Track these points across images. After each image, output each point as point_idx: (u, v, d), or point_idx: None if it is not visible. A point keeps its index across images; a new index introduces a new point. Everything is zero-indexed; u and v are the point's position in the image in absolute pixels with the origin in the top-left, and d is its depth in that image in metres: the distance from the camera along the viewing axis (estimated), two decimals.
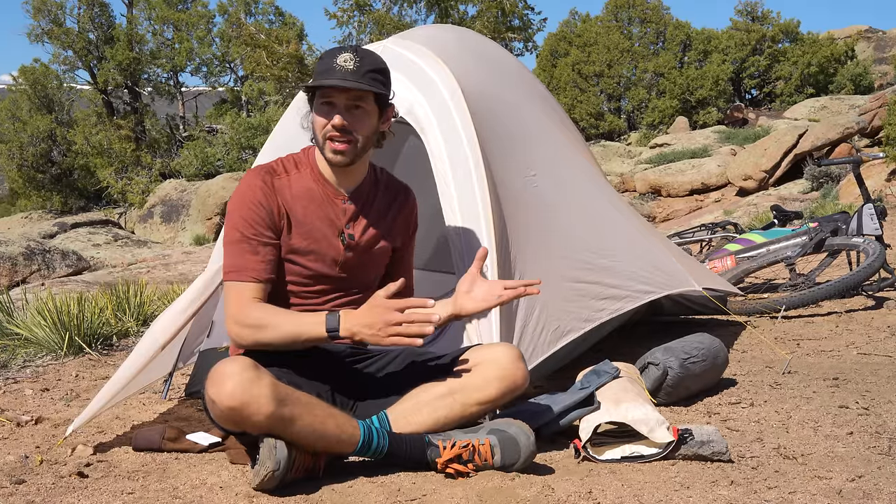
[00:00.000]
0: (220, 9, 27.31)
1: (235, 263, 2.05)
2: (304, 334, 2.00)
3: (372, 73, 2.05)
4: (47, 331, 3.85)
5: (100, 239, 15.86)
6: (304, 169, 2.16)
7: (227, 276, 2.06)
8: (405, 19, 23.84)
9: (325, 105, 2.05)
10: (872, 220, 4.61)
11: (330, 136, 2.05)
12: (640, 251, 3.21)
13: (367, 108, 2.07)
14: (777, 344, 3.53)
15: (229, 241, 2.08)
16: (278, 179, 2.12)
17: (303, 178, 2.14)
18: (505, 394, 2.03)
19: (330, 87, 2.02)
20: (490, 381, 2.01)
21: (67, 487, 1.97)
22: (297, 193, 2.12)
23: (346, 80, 2.01)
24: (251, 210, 2.07)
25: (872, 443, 2.13)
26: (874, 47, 25.68)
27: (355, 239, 2.16)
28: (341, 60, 2.02)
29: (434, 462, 1.94)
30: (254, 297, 2.03)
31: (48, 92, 25.10)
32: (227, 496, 1.88)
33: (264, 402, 1.80)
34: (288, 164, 2.17)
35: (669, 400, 2.59)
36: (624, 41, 24.72)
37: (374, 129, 2.11)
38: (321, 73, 2.04)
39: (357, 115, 2.06)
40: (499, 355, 2.05)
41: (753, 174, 13.58)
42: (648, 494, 1.80)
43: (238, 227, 2.07)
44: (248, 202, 2.07)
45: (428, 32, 3.27)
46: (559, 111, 3.59)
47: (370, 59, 2.06)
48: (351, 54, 2.03)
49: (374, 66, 2.06)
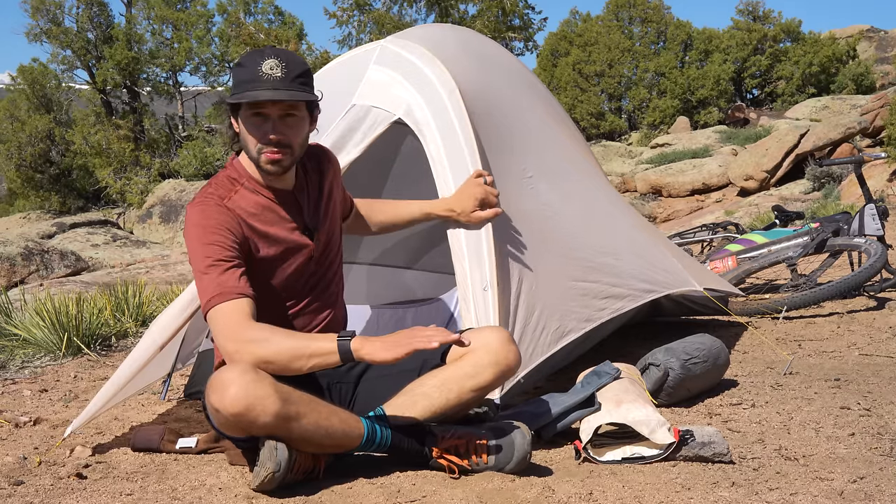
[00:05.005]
0: (219, 8, 27.30)
1: (215, 288, 1.93)
2: (310, 348, 1.89)
3: (300, 77, 1.99)
4: (46, 331, 3.84)
5: (98, 239, 15.86)
6: (242, 183, 2.10)
7: (210, 302, 1.93)
8: (405, 19, 23.85)
9: (255, 116, 1.99)
10: (874, 221, 4.60)
11: (265, 149, 2.01)
12: (641, 250, 3.20)
13: (299, 115, 2.03)
14: (778, 345, 3.52)
15: (202, 272, 1.96)
16: (228, 201, 2.06)
17: (245, 192, 2.09)
18: (499, 378, 2.04)
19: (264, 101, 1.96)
20: (484, 367, 2.01)
21: (66, 488, 1.97)
22: (247, 208, 2.07)
23: (278, 89, 1.95)
24: (215, 235, 1.99)
25: (874, 444, 2.12)
26: (876, 47, 25.67)
27: (317, 226, 2.18)
28: (267, 68, 1.95)
29: (431, 450, 1.94)
30: (247, 313, 1.92)
31: (47, 92, 25.09)
32: (227, 497, 1.87)
33: (269, 401, 1.79)
34: (224, 184, 2.09)
35: (670, 401, 2.59)
36: (625, 41, 24.71)
37: (306, 134, 2.09)
38: (247, 82, 1.96)
39: (290, 124, 2.02)
40: (490, 340, 2.04)
41: (755, 174, 13.58)
42: (649, 496, 1.80)
43: (207, 254, 1.97)
44: (211, 228, 1.99)
45: (426, 32, 3.25)
46: (560, 111, 3.58)
47: (294, 62, 2.00)
48: (276, 60, 1.96)
49: (301, 70, 2.00)
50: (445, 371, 2.04)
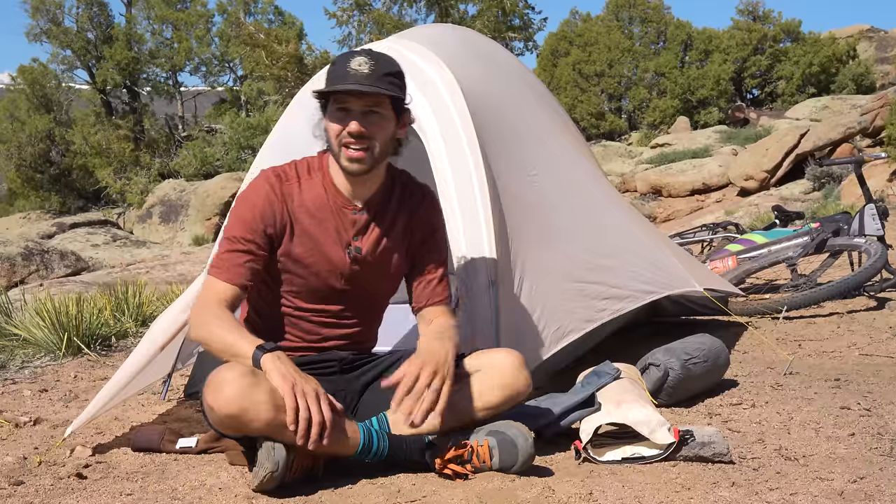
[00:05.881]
0: (219, 8, 27.35)
1: (221, 260, 2.02)
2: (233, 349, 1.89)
3: (388, 76, 1.97)
4: (46, 331, 3.84)
5: (98, 239, 15.85)
6: (315, 175, 2.09)
7: (210, 268, 2.05)
8: (405, 19, 23.87)
9: (339, 111, 1.97)
10: (874, 221, 4.60)
11: (345, 142, 1.97)
12: (642, 251, 3.20)
13: (383, 113, 1.99)
14: (778, 345, 3.52)
15: (224, 236, 2.06)
16: (287, 185, 2.05)
17: (313, 185, 2.07)
18: (506, 401, 2.02)
19: (345, 91, 1.94)
20: (492, 388, 2.00)
21: (66, 488, 1.97)
22: (305, 201, 2.06)
23: (362, 84, 1.93)
24: (251, 213, 2.03)
25: (874, 444, 2.12)
26: (876, 47, 25.64)
27: (362, 252, 2.09)
28: (355, 64, 1.94)
29: (433, 462, 1.93)
30: (223, 298, 1.97)
31: (46, 92, 25.09)
32: (227, 497, 1.87)
33: (263, 408, 1.79)
34: (301, 168, 2.10)
35: (670, 401, 2.59)
36: (625, 41, 24.71)
37: (391, 134, 2.03)
38: (335, 78, 1.96)
39: (373, 121, 1.97)
40: (500, 362, 2.03)
41: (755, 174, 13.57)
42: (649, 496, 1.80)
43: (235, 225, 2.04)
44: (249, 205, 2.04)
45: (428, 32, 3.26)
46: (560, 111, 3.58)
47: (385, 62, 1.99)
48: (365, 58, 1.95)
49: (390, 70, 1.98)
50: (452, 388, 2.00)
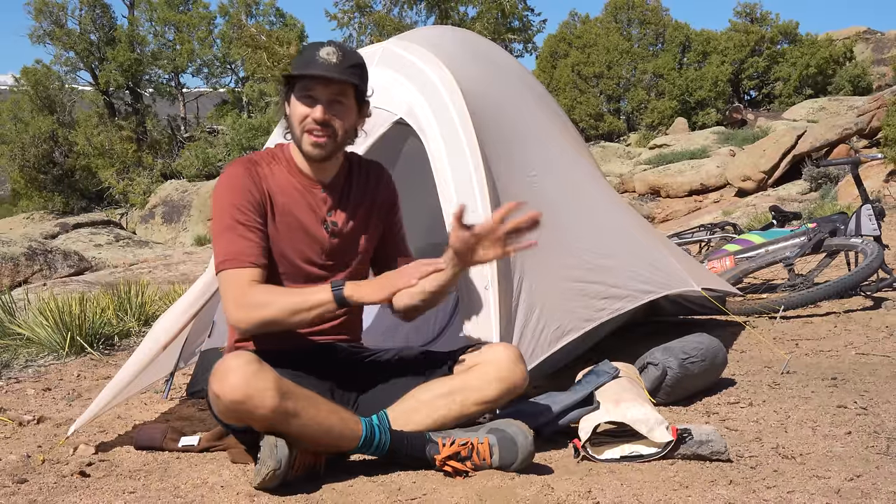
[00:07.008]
0: (221, 10, 27.34)
1: (230, 251, 2.03)
2: (308, 301, 1.97)
3: (353, 67, 2.07)
4: (49, 331, 3.86)
5: (101, 239, 15.85)
6: (280, 162, 2.18)
7: (223, 265, 2.03)
8: (405, 21, 23.86)
9: (306, 97, 2.06)
10: (871, 221, 4.62)
11: (309, 128, 2.06)
12: (641, 251, 3.22)
13: (347, 104, 2.09)
14: (776, 344, 3.54)
15: (221, 229, 2.06)
16: (260, 168, 2.14)
17: (280, 170, 2.16)
18: (504, 395, 2.04)
19: (313, 77, 2.03)
20: (490, 382, 2.02)
21: (69, 487, 1.98)
22: (278, 183, 2.14)
23: (330, 72, 2.02)
24: (240, 195, 2.07)
25: (870, 442, 2.13)
26: (873, 48, 25.65)
27: (339, 226, 2.18)
28: (324, 54, 2.03)
29: (433, 458, 1.95)
30: (253, 280, 2.02)
31: (50, 93, 25.06)
32: (229, 495, 1.88)
33: (268, 395, 1.81)
34: (265, 156, 2.19)
35: (668, 400, 2.60)
36: (623, 42, 24.70)
37: (352, 124, 2.13)
38: (303, 64, 2.05)
39: (338, 110, 2.07)
40: (498, 356, 2.06)
41: (752, 175, 13.57)
42: (647, 494, 1.81)
43: (228, 213, 2.06)
44: (237, 188, 2.08)
45: (428, 34, 3.28)
46: (559, 112, 3.60)
47: (351, 54, 2.09)
48: (334, 48, 2.05)
49: (356, 62, 2.09)
50: (451, 381, 2.05)
